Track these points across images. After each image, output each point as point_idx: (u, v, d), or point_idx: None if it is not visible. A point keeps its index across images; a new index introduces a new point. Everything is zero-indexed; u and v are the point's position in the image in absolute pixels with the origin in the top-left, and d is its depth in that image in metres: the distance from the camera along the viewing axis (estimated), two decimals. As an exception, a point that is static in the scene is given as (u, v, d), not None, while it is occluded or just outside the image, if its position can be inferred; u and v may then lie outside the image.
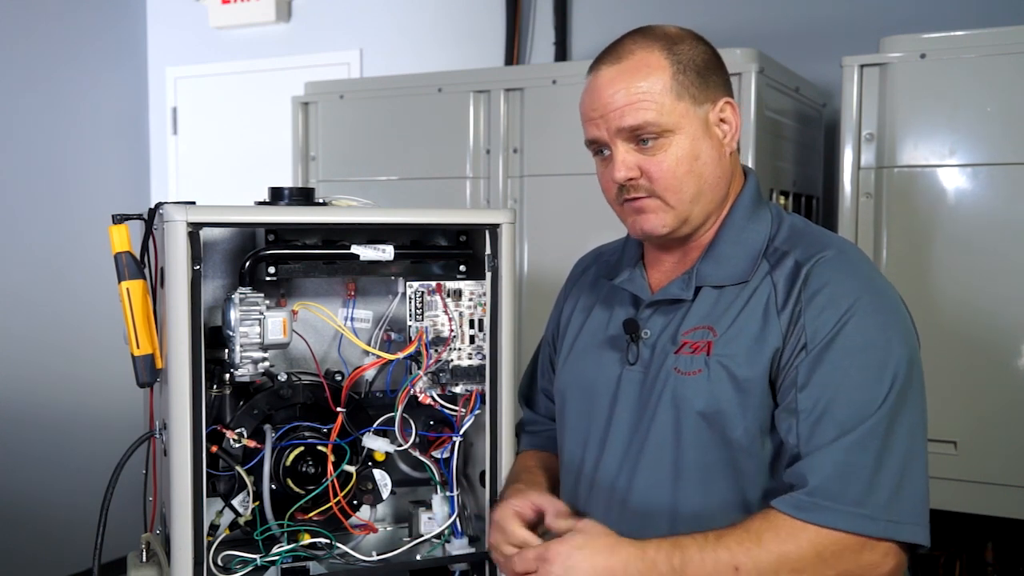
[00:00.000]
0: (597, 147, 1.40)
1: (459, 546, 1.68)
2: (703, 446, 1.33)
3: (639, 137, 1.33)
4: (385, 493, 1.67)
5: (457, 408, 1.66)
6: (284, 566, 1.58)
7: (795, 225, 1.41)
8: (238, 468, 1.57)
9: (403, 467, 1.75)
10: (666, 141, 1.33)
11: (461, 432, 1.66)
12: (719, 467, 1.33)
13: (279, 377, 1.62)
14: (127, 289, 1.54)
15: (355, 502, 1.66)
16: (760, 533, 1.22)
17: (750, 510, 1.30)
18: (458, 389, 1.65)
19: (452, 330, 1.65)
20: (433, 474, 1.69)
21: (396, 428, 1.63)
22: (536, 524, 1.40)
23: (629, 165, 1.34)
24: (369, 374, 1.71)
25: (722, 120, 1.37)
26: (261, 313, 1.55)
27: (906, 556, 1.25)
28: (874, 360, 1.24)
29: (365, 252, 1.62)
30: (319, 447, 1.62)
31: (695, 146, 1.34)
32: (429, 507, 1.71)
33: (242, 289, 1.56)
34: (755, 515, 1.26)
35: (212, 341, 1.59)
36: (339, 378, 1.67)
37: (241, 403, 1.61)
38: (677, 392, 1.34)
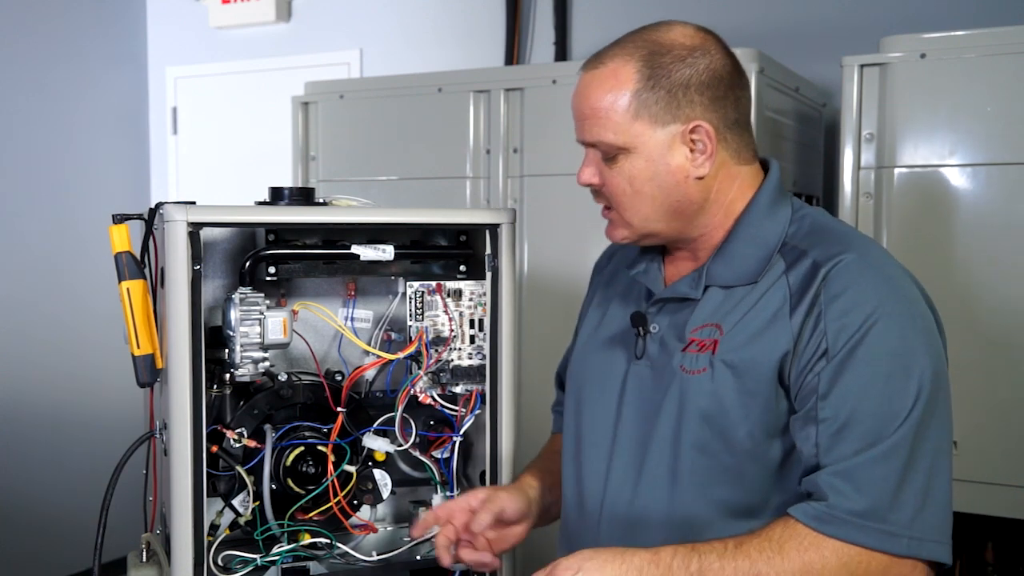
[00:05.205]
0: None
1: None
2: (705, 448, 1.30)
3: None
4: (385, 493, 1.67)
5: (457, 408, 1.66)
6: (284, 566, 1.59)
7: (817, 221, 1.34)
8: (238, 468, 1.57)
9: (403, 467, 1.75)
10: (622, 158, 1.30)
11: (461, 432, 1.66)
12: (720, 470, 1.30)
13: (279, 377, 1.62)
14: (127, 289, 1.54)
15: (355, 502, 1.66)
16: (782, 543, 1.18)
17: (754, 516, 1.28)
18: (458, 389, 1.65)
19: (452, 330, 1.65)
20: (433, 474, 1.69)
21: (396, 428, 1.63)
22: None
23: (590, 172, 1.34)
24: (369, 374, 1.71)
25: (694, 142, 1.29)
26: (261, 313, 1.55)
27: (934, 573, 1.22)
28: (898, 370, 1.20)
29: (365, 252, 1.62)
30: (319, 447, 1.62)
31: (651, 167, 1.29)
32: (429, 507, 1.71)
33: (242, 289, 1.56)
34: (774, 523, 1.22)
35: (212, 341, 1.59)
36: (339, 378, 1.67)
37: (241, 403, 1.61)
38: (683, 390, 1.31)
